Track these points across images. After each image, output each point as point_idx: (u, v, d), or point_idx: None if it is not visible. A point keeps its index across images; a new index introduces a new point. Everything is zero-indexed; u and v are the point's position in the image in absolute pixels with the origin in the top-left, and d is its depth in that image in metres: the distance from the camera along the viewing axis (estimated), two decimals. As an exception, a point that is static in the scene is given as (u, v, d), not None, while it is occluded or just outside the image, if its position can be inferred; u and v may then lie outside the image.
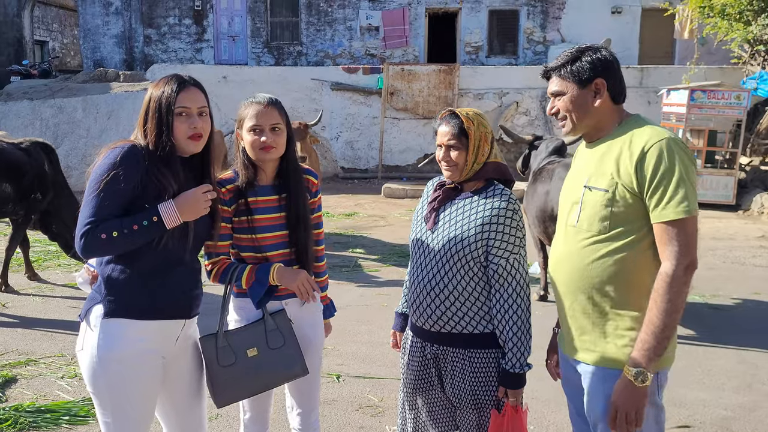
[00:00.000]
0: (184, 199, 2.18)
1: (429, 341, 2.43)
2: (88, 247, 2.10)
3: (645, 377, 1.98)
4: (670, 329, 1.97)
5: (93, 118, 14.11)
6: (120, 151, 2.13)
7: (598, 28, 16.83)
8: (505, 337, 2.29)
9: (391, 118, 15.09)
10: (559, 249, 2.25)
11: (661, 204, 1.97)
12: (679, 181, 1.96)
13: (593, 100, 2.13)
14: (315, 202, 2.64)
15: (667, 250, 1.97)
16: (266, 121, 2.43)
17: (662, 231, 1.98)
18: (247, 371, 2.40)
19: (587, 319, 2.15)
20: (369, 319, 5.61)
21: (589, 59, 2.13)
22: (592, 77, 2.12)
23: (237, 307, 2.55)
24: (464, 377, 2.36)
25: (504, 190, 2.36)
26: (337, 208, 11.45)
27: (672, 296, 1.95)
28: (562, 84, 2.17)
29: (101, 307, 2.19)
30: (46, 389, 4.16)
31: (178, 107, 2.19)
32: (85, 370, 2.21)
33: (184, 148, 2.23)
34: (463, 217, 2.34)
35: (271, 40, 18.28)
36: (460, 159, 2.34)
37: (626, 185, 2.03)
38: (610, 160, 2.09)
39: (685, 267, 1.95)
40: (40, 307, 5.91)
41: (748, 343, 5.03)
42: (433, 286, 2.36)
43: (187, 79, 2.26)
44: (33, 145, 6.50)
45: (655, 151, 1.99)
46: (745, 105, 11.69)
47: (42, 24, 23.01)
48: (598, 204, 2.08)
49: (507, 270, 2.29)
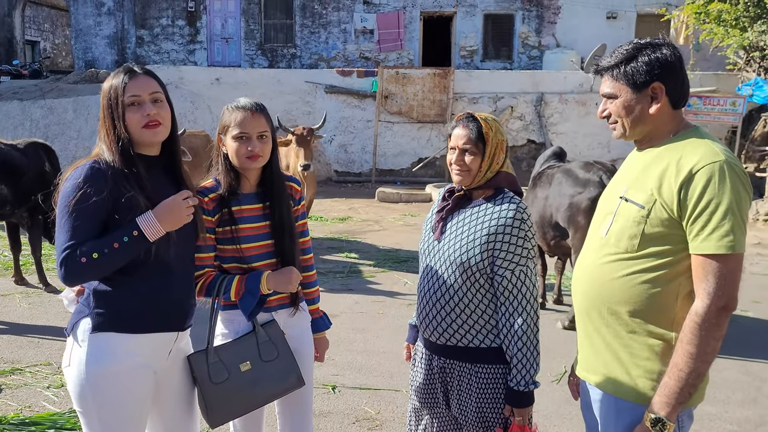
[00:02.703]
0: (164, 208, 2.06)
1: (436, 354, 2.36)
2: (69, 274, 1.98)
3: (664, 426, 1.80)
4: (697, 376, 1.77)
5: (84, 119, 13.97)
6: (81, 170, 2.02)
7: (593, 34, 16.83)
8: (511, 353, 2.20)
9: (386, 121, 15.01)
10: (583, 260, 2.09)
11: (702, 234, 1.77)
12: (726, 212, 1.74)
13: (649, 105, 1.91)
14: (299, 209, 2.54)
15: (701, 287, 1.77)
16: (253, 129, 2.31)
17: (699, 264, 1.78)
18: (241, 387, 2.28)
19: (601, 340, 2.00)
20: (365, 327, 5.50)
21: (646, 59, 1.89)
22: (649, 81, 1.89)
23: (225, 320, 2.42)
24: (470, 393, 2.27)
25: (513, 198, 2.27)
26: (331, 212, 11.35)
27: (700, 340, 1.75)
28: (614, 86, 1.94)
29: (89, 320, 2.07)
30: (31, 400, 4.02)
31: (128, 96, 2.06)
32: (72, 387, 2.08)
33: (142, 139, 2.09)
34: (470, 226, 2.25)
35: (265, 42, 18.17)
36: (474, 164, 2.25)
37: (666, 205, 1.82)
38: (654, 173, 1.87)
39: (720, 308, 1.75)
40: (27, 313, 5.77)
41: (751, 354, 4.95)
42: (438, 298, 2.28)
43: (137, 69, 2.14)
44: (31, 145, 6.41)
45: (705, 174, 1.77)
46: (740, 111, 11.69)
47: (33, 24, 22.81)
48: (631, 219, 1.89)
49: (513, 282, 2.19)
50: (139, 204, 2.04)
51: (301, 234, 2.55)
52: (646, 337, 1.90)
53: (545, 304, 6.07)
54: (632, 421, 1.90)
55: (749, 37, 12.38)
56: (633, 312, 1.90)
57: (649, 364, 1.90)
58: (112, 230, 2.02)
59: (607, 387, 1.99)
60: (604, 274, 1.97)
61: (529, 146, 14.86)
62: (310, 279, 2.63)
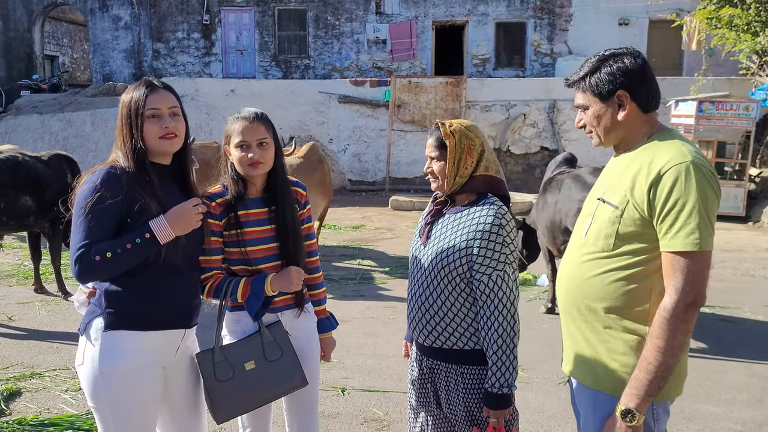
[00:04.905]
0: (175, 214, 2.17)
1: (425, 355, 2.43)
2: (83, 271, 2.10)
3: (633, 417, 1.86)
4: (666, 369, 1.83)
5: (102, 131, 14.21)
6: (99, 174, 2.15)
7: (605, 40, 16.78)
8: (488, 355, 2.23)
9: (399, 130, 15.10)
10: (566, 260, 2.18)
11: (670, 232, 1.83)
12: (692, 211, 1.80)
13: (617, 113, 1.99)
14: (304, 213, 2.63)
15: (670, 283, 1.83)
16: (253, 137, 2.42)
17: (668, 261, 1.84)
18: (245, 385, 2.38)
19: (581, 336, 2.07)
20: (375, 332, 5.58)
21: (608, 69, 1.98)
22: (614, 90, 1.97)
23: (232, 321, 2.52)
24: (458, 393, 2.33)
25: (494, 204, 2.28)
26: (344, 220, 11.44)
27: (668, 335, 1.81)
28: (584, 97, 2.04)
29: (101, 320, 2.18)
30: (50, 402, 4.15)
31: (149, 109, 2.19)
32: (86, 385, 2.19)
33: (157, 149, 2.22)
34: (451, 231, 2.31)
35: (279, 54, 18.37)
36: (441, 171, 2.34)
37: (637, 205, 1.90)
38: (628, 175, 1.95)
39: (687, 304, 1.81)
40: (46, 320, 5.92)
41: (758, 356, 4.96)
42: (423, 301, 2.35)
43: (156, 83, 2.26)
44: (55, 157, 6.58)
45: (672, 174, 1.84)
46: (754, 116, 11.65)
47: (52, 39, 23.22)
48: (606, 220, 1.97)
49: (490, 287, 2.21)
50: (151, 209, 2.15)
51: (307, 237, 2.63)
52: (621, 332, 1.97)
53: (554, 309, 6.08)
54: (608, 412, 1.97)
55: (761, 42, 12.35)
56: (609, 308, 1.97)
57: (624, 358, 1.96)
58: (124, 233, 2.13)
59: (586, 380, 2.07)
60: (582, 272, 2.04)
61: (543, 153, 14.88)
62: (316, 281, 2.71)
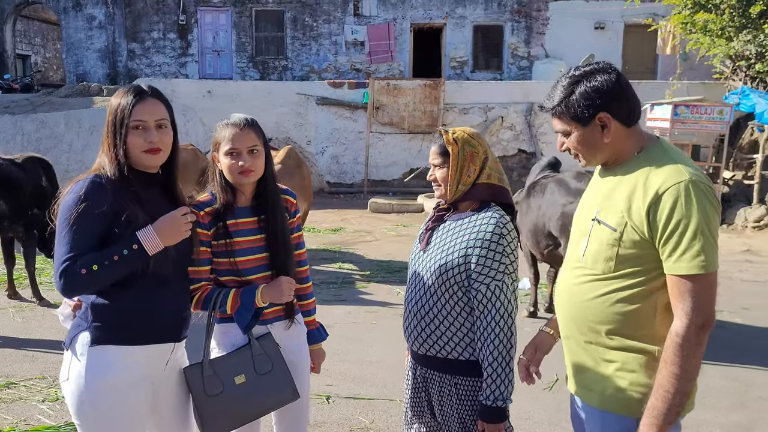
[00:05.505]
0: (164, 223, 2.10)
1: (419, 363, 2.40)
2: (68, 285, 2.02)
3: None
4: (683, 395, 1.78)
5: (75, 132, 13.97)
6: (83, 184, 2.07)
7: (581, 44, 16.97)
8: (483, 367, 2.20)
9: (377, 132, 15.08)
10: (563, 279, 2.12)
11: (674, 255, 1.77)
12: (695, 233, 1.75)
13: (601, 134, 1.91)
14: (294, 222, 2.57)
15: (679, 307, 1.78)
16: (243, 144, 2.35)
17: (675, 284, 1.79)
18: (236, 399, 2.31)
19: (587, 356, 2.02)
20: (358, 338, 5.53)
21: (583, 91, 1.88)
22: (593, 113, 1.89)
23: (220, 333, 2.44)
24: (451, 404, 2.29)
25: (495, 213, 2.26)
26: (324, 223, 11.38)
27: (683, 360, 1.76)
28: (563, 124, 1.96)
29: (88, 334, 2.11)
30: (26, 414, 4.04)
31: (134, 120, 2.09)
32: (71, 401, 2.11)
33: (141, 162, 2.14)
34: (451, 238, 2.29)
35: (256, 55, 18.24)
36: (444, 178, 2.32)
37: (636, 227, 1.84)
38: (623, 194, 1.88)
39: (699, 327, 1.76)
40: (20, 327, 5.77)
41: (738, 360, 5.01)
42: (419, 308, 2.32)
43: (146, 90, 2.17)
44: (30, 160, 6.42)
45: (671, 195, 1.78)
46: (728, 120, 11.80)
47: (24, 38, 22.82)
48: (605, 242, 1.91)
49: (488, 297, 2.18)
50: (138, 219, 2.08)
51: (297, 246, 2.57)
52: (627, 352, 1.92)
53: (536, 313, 6.10)
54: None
55: (735, 47, 12.54)
56: (613, 330, 1.92)
57: (632, 377, 1.91)
58: (110, 244, 2.05)
59: (593, 400, 2.01)
60: (581, 293, 1.99)
61: (520, 156, 14.95)
62: (306, 291, 2.65)
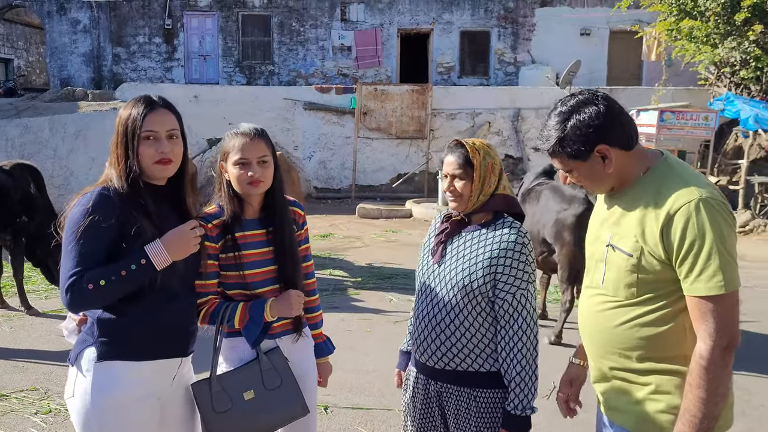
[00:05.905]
0: (172, 238, 2.06)
1: (434, 379, 2.35)
2: (75, 300, 1.97)
3: None
4: (711, 419, 1.72)
5: (60, 137, 13.81)
6: (91, 196, 2.02)
7: (567, 50, 17.08)
8: (510, 376, 2.20)
9: (365, 137, 15.07)
10: (585, 305, 2.08)
11: (690, 276, 1.72)
12: (710, 252, 1.70)
13: (603, 166, 1.88)
14: (302, 234, 2.54)
15: (702, 328, 1.73)
16: (253, 155, 2.31)
17: (695, 305, 1.74)
18: (244, 416, 2.27)
19: (619, 380, 1.97)
20: (353, 346, 5.50)
21: (576, 129, 1.84)
22: (591, 149, 1.85)
23: (228, 348, 2.40)
24: (469, 417, 2.27)
25: (514, 223, 2.29)
26: (312, 228, 11.29)
27: (709, 383, 1.71)
28: (563, 162, 1.93)
29: (94, 349, 2.06)
30: (19, 427, 3.96)
31: (145, 131, 2.07)
32: (77, 419, 2.07)
33: (152, 173, 2.11)
34: (471, 250, 2.27)
35: (243, 60, 18.16)
36: (465, 190, 2.28)
37: (653, 252, 1.79)
38: (634, 218, 1.84)
39: (723, 348, 1.71)
40: (9, 337, 5.67)
41: (736, 367, 4.99)
42: (438, 322, 2.29)
43: (157, 101, 2.15)
44: (18, 167, 6.33)
45: (682, 216, 1.73)
46: (712, 126, 11.95)
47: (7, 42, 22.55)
48: (623, 269, 1.86)
49: (513, 306, 2.21)
50: (147, 233, 2.05)
51: (304, 258, 2.54)
52: (661, 375, 1.88)
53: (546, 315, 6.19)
54: None
55: (720, 53, 12.70)
56: (643, 356, 1.88)
57: (668, 398, 1.86)
58: (118, 258, 2.02)
59: (628, 423, 1.95)
60: (606, 320, 1.95)
61: (507, 161, 15.00)
62: (313, 303, 2.63)
